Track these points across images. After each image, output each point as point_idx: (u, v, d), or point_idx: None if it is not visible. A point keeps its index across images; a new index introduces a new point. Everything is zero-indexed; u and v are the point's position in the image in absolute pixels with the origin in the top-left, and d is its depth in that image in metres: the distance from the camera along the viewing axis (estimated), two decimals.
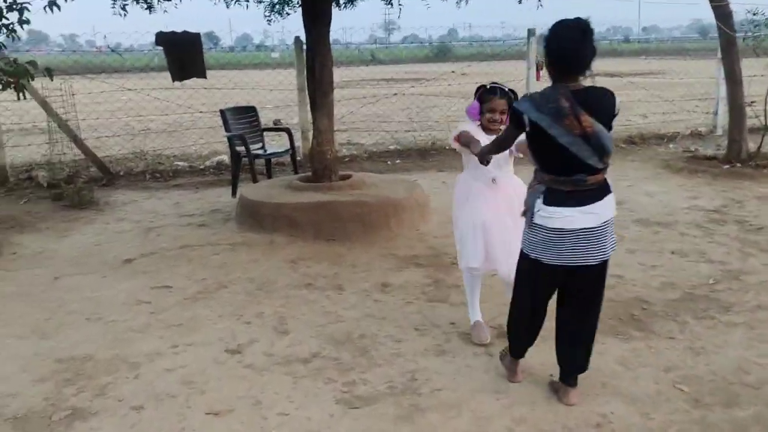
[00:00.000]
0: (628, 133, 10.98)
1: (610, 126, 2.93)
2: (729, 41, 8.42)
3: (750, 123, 8.77)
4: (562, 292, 3.20)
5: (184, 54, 8.26)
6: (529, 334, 3.33)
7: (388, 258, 5.41)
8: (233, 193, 7.61)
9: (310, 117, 8.56)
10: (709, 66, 15.23)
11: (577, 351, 3.22)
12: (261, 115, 8.40)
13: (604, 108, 2.93)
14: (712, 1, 8.44)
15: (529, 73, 9.99)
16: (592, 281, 3.12)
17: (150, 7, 6.97)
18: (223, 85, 11.87)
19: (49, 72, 6.72)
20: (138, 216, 7.03)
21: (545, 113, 2.86)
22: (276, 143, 9.53)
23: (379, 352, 3.79)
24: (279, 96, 12.76)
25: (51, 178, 8.34)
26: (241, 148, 7.58)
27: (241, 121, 7.88)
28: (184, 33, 8.30)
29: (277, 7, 7.70)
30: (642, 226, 6.18)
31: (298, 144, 9.24)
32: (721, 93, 10.87)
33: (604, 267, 3.12)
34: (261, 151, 7.92)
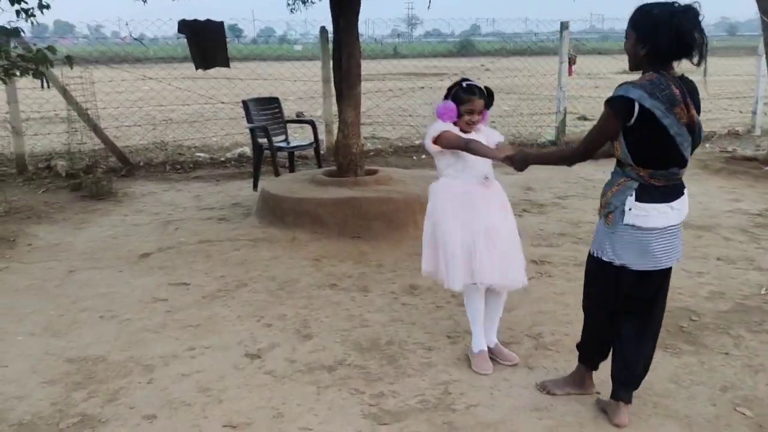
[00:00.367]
0: None
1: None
2: None
3: None
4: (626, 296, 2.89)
5: (207, 42, 8.06)
6: (606, 345, 3.04)
7: (415, 258, 5.08)
8: (254, 187, 7.39)
9: (334, 109, 8.35)
10: (739, 64, 14.82)
11: (639, 360, 2.92)
12: (284, 107, 8.17)
13: (698, 97, 2.74)
14: None
15: (561, 67, 9.67)
16: (659, 285, 2.87)
17: None
18: (245, 76, 11.67)
19: (69, 59, 6.54)
20: (157, 208, 6.83)
21: (660, 100, 2.59)
22: (299, 136, 9.31)
23: (408, 360, 3.53)
24: (302, 88, 12.55)
25: (70, 168, 8.17)
26: (263, 140, 7.35)
27: (264, 112, 7.65)
28: (208, 21, 8.09)
29: None
30: (683, 229, 5.84)
31: (322, 137, 9.01)
32: (761, 91, 10.50)
33: (671, 269, 2.89)
34: (284, 144, 7.68)
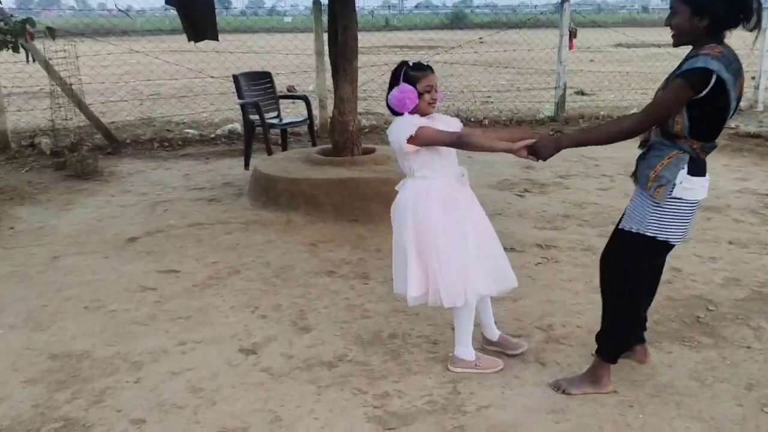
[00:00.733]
0: None
1: None
2: None
3: None
4: None
5: (195, 15, 7.71)
6: (639, 326, 3.00)
7: None
8: (246, 165, 7.14)
9: (328, 84, 8.06)
10: (734, 38, 14.55)
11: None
12: (275, 81, 7.86)
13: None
14: None
15: (561, 41, 9.38)
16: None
17: None
18: (235, 49, 11.31)
19: (51, 31, 6.23)
20: (144, 188, 6.57)
21: (731, 73, 2.49)
22: (291, 112, 9.03)
23: (413, 356, 3.33)
24: (294, 61, 12.20)
25: (54, 146, 7.88)
26: (255, 117, 7.07)
27: (256, 87, 7.36)
28: None
29: None
30: None
31: (315, 113, 8.72)
32: (765, 66, 10.26)
33: None
34: (276, 120, 7.41)
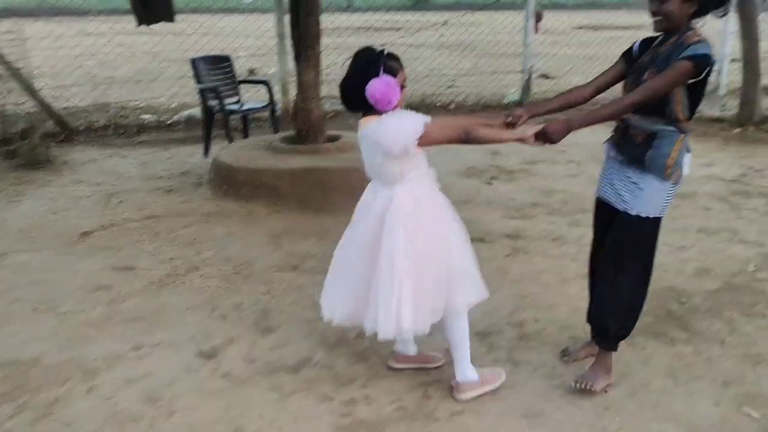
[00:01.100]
0: None
1: None
2: None
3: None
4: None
5: None
6: None
7: None
8: (205, 153, 6.90)
9: (290, 67, 7.83)
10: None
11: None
12: (235, 64, 7.60)
13: None
14: None
15: (527, 24, 9.27)
16: None
17: None
18: (193, 30, 10.95)
19: None
20: (98, 178, 6.29)
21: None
22: (252, 96, 8.77)
23: (381, 357, 3.20)
24: (255, 43, 11.88)
25: (3, 133, 7.50)
26: (214, 103, 6.83)
27: (215, 72, 7.10)
28: None
29: None
30: None
31: (277, 98, 8.48)
32: (728, 50, 10.31)
33: None
34: (236, 106, 7.16)
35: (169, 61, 10.24)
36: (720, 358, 3.15)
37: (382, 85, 2.52)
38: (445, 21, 11.78)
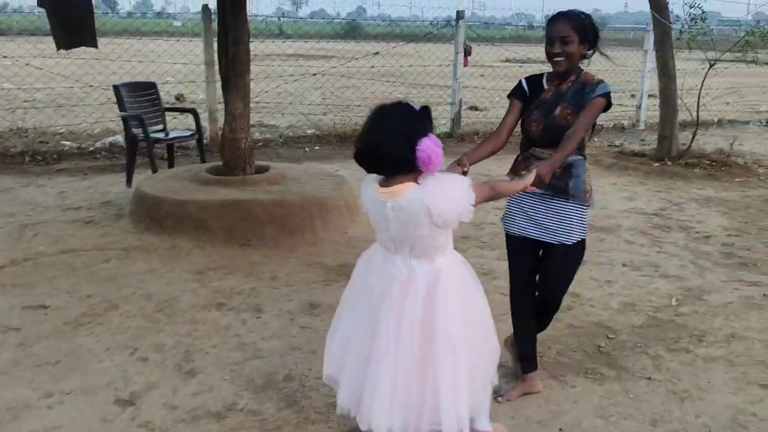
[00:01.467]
0: None
1: None
2: (664, 33, 8.13)
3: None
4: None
5: (71, 19, 7.12)
6: None
7: (314, 268, 4.69)
8: (128, 182, 6.65)
9: (218, 95, 7.67)
10: (612, 56, 15.29)
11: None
12: (162, 90, 7.40)
13: None
14: None
15: (456, 58, 9.42)
16: None
17: None
18: (119, 54, 10.65)
19: None
20: (12, 208, 5.95)
21: None
22: (179, 123, 8.56)
23: (310, 400, 3.08)
24: (181, 69, 11.66)
25: None
26: (138, 131, 6.60)
27: (139, 98, 6.87)
28: None
29: None
30: None
31: (205, 125, 8.31)
32: (646, 86, 10.75)
33: None
34: (162, 135, 6.95)
35: (91, 86, 9.89)
36: (647, 396, 3.18)
37: (434, 145, 2.23)
38: (377, 51, 11.86)
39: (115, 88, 6.65)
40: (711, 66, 8.11)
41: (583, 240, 3.05)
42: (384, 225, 2.35)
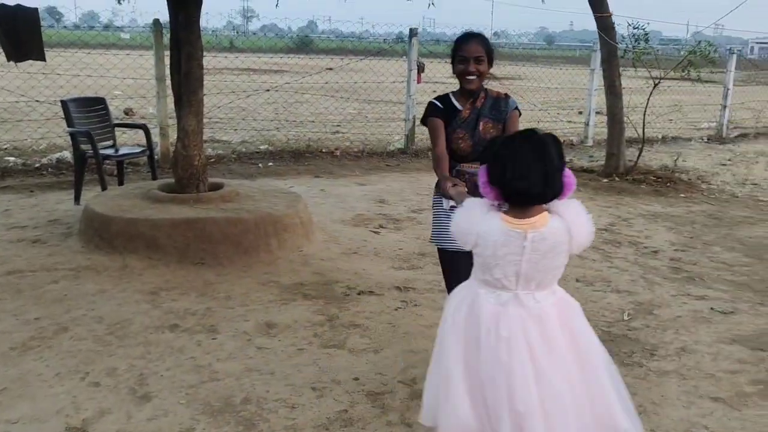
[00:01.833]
0: None
1: None
2: (611, 53, 8.37)
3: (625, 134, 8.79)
4: None
5: (18, 32, 6.93)
6: None
7: (269, 287, 4.64)
8: (76, 199, 6.48)
9: (169, 110, 7.57)
10: (559, 74, 15.68)
11: None
12: (110, 105, 7.24)
13: None
14: (595, 12, 8.36)
15: (410, 74, 9.51)
16: None
17: None
18: (66, 68, 10.40)
19: None
20: None
21: None
22: (128, 138, 8.40)
23: (269, 424, 3.04)
24: (130, 83, 11.47)
25: None
26: (87, 147, 6.45)
27: (88, 114, 6.73)
28: (18, 7, 6.96)
29: None
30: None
31: (156, 140, 8.17)
32: (593, 104, 11.02)
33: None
34: (112, 151, 6.81)
35: (38, 100, 9.63)
36: None
37: (570, 173, 2.26)
38: (331, 68, 11.88)
39: (63, 104, 6.50)
40: (656, 85, 8.38)
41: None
42: (512, 259, 2.23)
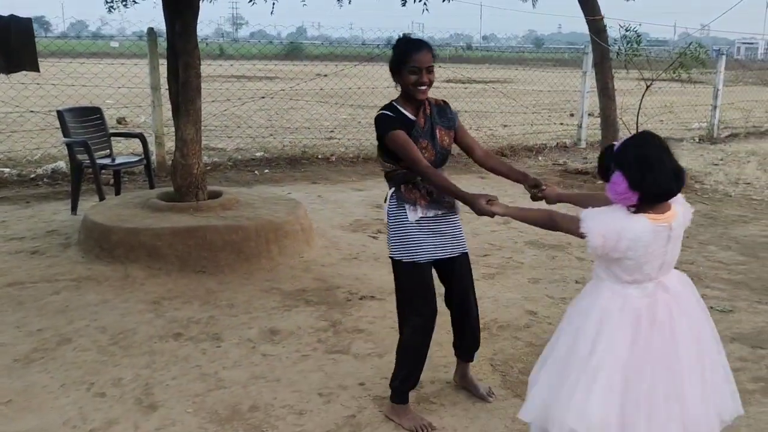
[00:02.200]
0: (499, 144, 10.85)
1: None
2: (603, 55, 8.42)
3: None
4: None
5: (11, 43, 6.92)
6: None
7: (271, 294, 4.64)
8: (73, 209, 6.47)
9: (165, 119, 7.57)
10: (550, 77, 15.75)
11: None
12: (104, 113, 7.23)
13: None
14: (587, 15, 8.42)
15: None
16: None
17: None
18: (59, 78, 10.38)
19: None
20: None
21: None
22: (123, 147, 8.40)
23: (278, 431, 3.05)
24: (123, 92, 11.45)
25: None
26: (83, 157, 6.44)
27: (84, 124, 6.72)
28: (12, 17, 6.96)
29: None
30: (536, 249, 5.88)
31: (152, 149, 8.16)
32: (586, 106, 11.08)
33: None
34: (108, 160, 6.81)
35: (32, 111, 9.61)
36: None
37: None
38: (326, 74, 11.90)
39: (59, 114, 6.49)
40: (648, 86, 8.43)
41: None
42: (660, 252, 2.33)
